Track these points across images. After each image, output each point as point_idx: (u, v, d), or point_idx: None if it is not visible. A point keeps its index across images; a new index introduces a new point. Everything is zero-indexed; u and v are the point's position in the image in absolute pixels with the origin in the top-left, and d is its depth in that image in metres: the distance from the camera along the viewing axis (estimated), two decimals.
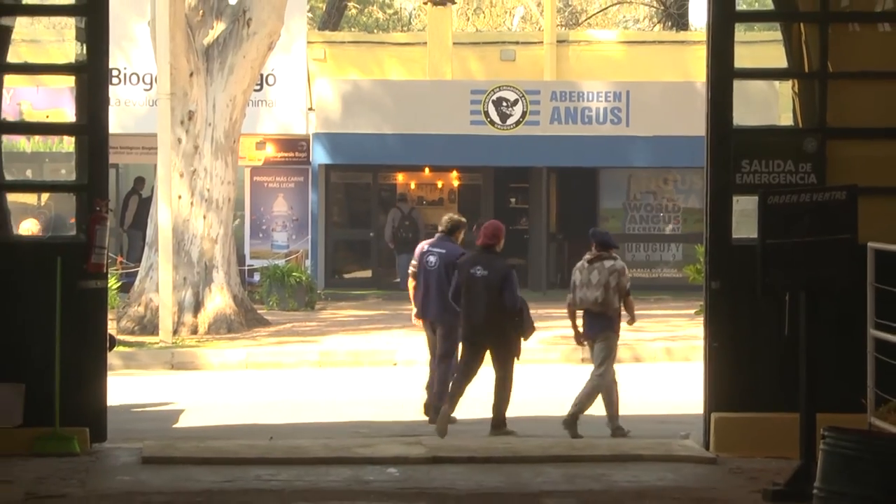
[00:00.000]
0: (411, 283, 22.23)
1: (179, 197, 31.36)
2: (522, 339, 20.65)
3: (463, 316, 20.62)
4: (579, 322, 20.40)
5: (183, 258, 31.35)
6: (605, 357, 19.86)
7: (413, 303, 22.21)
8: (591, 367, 20.84)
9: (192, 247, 31.51)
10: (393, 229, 43.26)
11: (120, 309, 31.71)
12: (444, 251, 21.27)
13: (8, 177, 18.63)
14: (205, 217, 31.52)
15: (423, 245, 22.31)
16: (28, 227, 25.51)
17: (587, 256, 20.47)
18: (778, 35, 18.52)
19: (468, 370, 20.52)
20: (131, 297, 32.63)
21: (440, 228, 21.96)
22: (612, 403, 19.95)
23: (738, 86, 17.69)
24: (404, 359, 29.16)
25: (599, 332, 20.07)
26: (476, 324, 20.34)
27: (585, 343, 20.61)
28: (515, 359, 20.69)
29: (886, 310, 15.33)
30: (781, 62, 18.40)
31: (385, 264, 44.04)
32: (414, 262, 22.21)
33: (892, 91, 17.51)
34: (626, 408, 22.09)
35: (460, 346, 20.87)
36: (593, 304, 20.18)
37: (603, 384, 19.56)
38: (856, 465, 13.94)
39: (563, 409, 21.71)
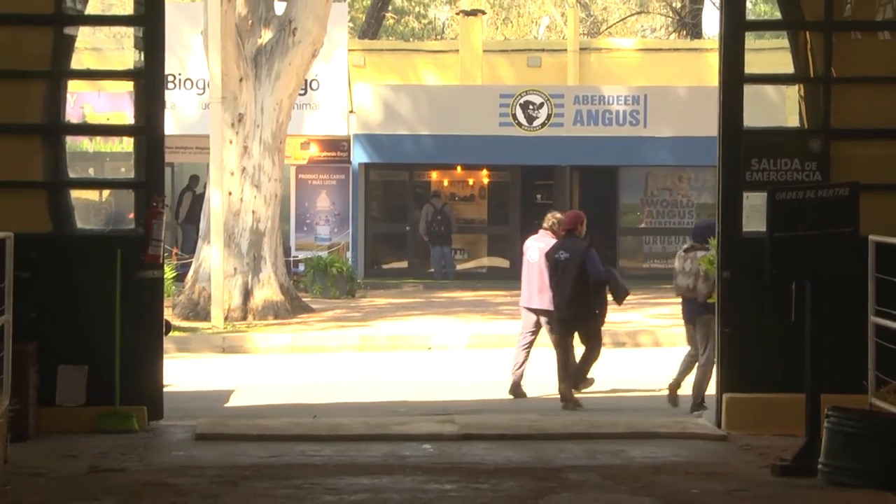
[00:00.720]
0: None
1: (230, 193, 31.43)
2: (617, 303, 22.22)
3: (555, 297, 21.11)
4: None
5: (233, 250, 31.41)
6: (706, 339, 19.88)
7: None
8: (607, 351, 21.05)
9: (241, 239, 31.57)
10: (427, 223, 43.31)
11: (175, 297, 31.78)
12: (543, 245, 21.41)
13: (71, 174, 18.66)
14: (254, 212, 31.58)
15: (528, 240, 22.68)
16: None
17: (685, 246, 20.77)
18: (785, 43, 18.46)
19: (565, 346, 21.31)
20: (185, 285, 32.69)
21: (544, 225, 22.17)
22: (704, 383, 19.96)
23: (748, 90, 17.67)
24: (438, 343, 29.20)
25: (697, 316, 20.21)
26: (564, 303, 20.95)
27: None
28: (601, 331, 21.81)
29: (886, 298, 15.32)
30: (788, 68, 18.37)
31: (420, 256, 44.07)
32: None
33: (892, 95, 17.50)
34: (645, 384, 22.12)
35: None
36: (686, 290, 20.59)
37: (711, 364, 19.50)
38: (858, 442, 13.97)
39: (587, 390, 21.79)
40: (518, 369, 21.82)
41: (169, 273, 30.06)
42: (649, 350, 28.25)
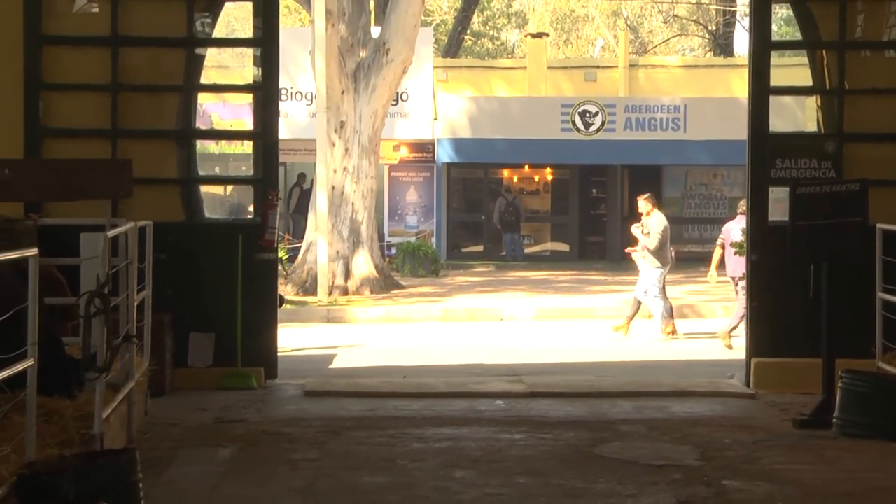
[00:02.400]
0: (717, 252, 23.92)
1: (333, 188, 31.47)
2: None
3: None
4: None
5: (336, 236, 31.43)
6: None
7: (713, 265, 24.19)
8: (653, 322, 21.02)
9: (343, 227, 31.61)
10: (499, 213, 43.32)
11: (287, 275, 31.84)
12: (743, 226, 21.35)
13: (200, 173, 18.75)
14: (353, 204, 31.62)
15: (729, 223, 23.31)
16: None
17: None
18: (805, 59, 18.38)
19: None
20: (296, 266, 32.76)
21: (739, 210, 22.66)
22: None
23: (773, 100, 17.62)
24: (508, 315, 29.16)
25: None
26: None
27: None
28: None
29: (891, 277, 15.23)
30: (807, 81, 18.27)
31: (493, 241, 44.02)
32: (721, 236, 23.62)
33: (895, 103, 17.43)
34: (686, 354, 22.02)
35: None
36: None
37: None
38: (867, 400, 13.93)
39: (636, 356, 21.75)
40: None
41: (282, 255, 30.20)
42: (691, 321, 28.10)
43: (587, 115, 41.72)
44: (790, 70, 20.76)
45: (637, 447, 13.58)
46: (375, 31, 32.74)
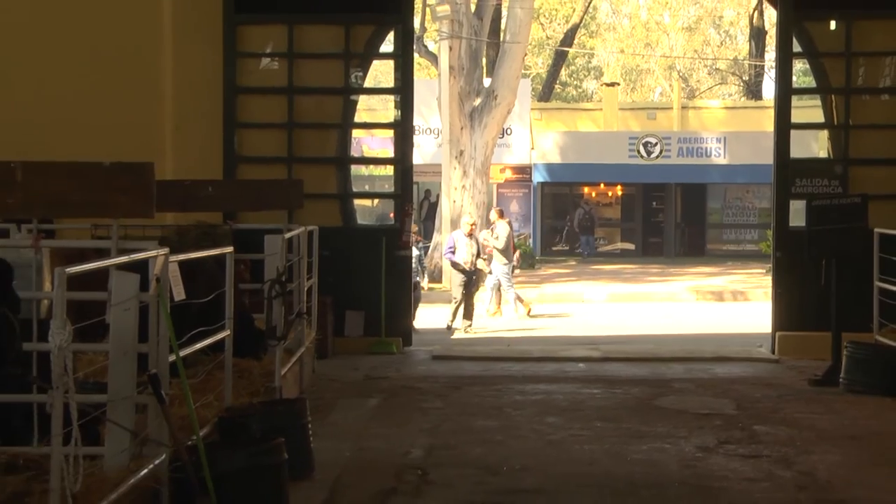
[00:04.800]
0: None
1: (454, 201, 31.52)
2: None
3: None
4: None
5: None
6: None
7: None
8: (700, 304, 20.79)
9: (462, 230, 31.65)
10: (578, 220, 43.29)
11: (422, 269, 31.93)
12: None
13: (354, 189, 18.85)
14: (469, 213, 31.60)
15: None
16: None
17: None
18: (818, 102, 18.19)
19: None
20: (426, 260, 32.85)
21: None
22: None
23: (794, 133, 17.49)
24: (588, 298, 29.06)
25: None
26: None
27: None
28: None
29: (886, 270, 15.07)
30: (820, 118, 18.08)
31: (575, 242, 43.93)
32: None
33: (890, 136, 17.22)
34: (725, 328, 21.84)
35: None
36: None
37: None
38: (867, 364, 13.84)
39: (686, 330, 21.60)
40: None
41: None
42: (731, 304, 27.89)
43: (649, 145, 41.49)
44: (807, 110, 20.52)
45: (687, 400, 13.52)
46: (487, 82, 32.73)
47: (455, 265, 22.20)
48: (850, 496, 9.18)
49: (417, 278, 21.84)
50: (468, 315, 21.82)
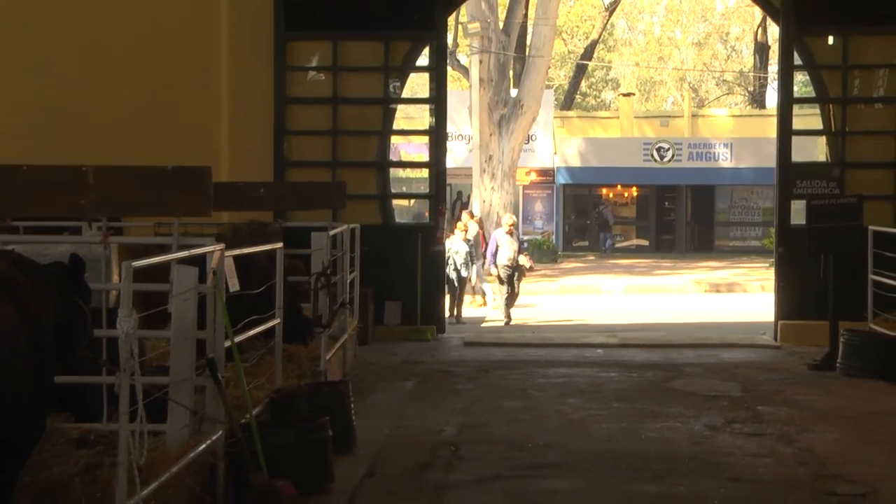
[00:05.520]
0: None
1: (484, 201, 31.51)
2: None
3: None
4: None
5: (488, 234, 31.48)
6: None
7: None
8: (709, 295, 20.62)
9: (491, 227, 31.57)
10: (597, 218, 43.28)
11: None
12: None
13: (392, 190, 18.87)
14: (497, 213, 31.60)
15: None
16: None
17: None
18: (817, 110, 18.09)
19: None
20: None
21: None
22: None
23: (795, 139, 17.43)
24: (606, 289, 29.03)
25: None
26: None
27: None
28: None
29: (879, 264, 14.99)
30: (819, 125, 17.99)
31: (594, 238, 43.85)
32: None
33: (882, 141, 17.16)
34: (731, 317, 21.75)
35: None
36: None
37: None
38: (861, 350, 13.78)
39: (695, 319, 21.51)
40: None
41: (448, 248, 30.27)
42: (735, 294, 27.79)
43: (661, 150, 41.35)
44: (807, 118, 20.41)
45: (697, 382, 13.48)
46: (513, 92, 32.70)
47: (497, 264, 21.69)
48: (845, 471, 9.14)
49: (465, 273, 21.53)
50: (510, 302, 21.40)
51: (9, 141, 15.52)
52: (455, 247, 21.37)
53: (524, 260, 22.36)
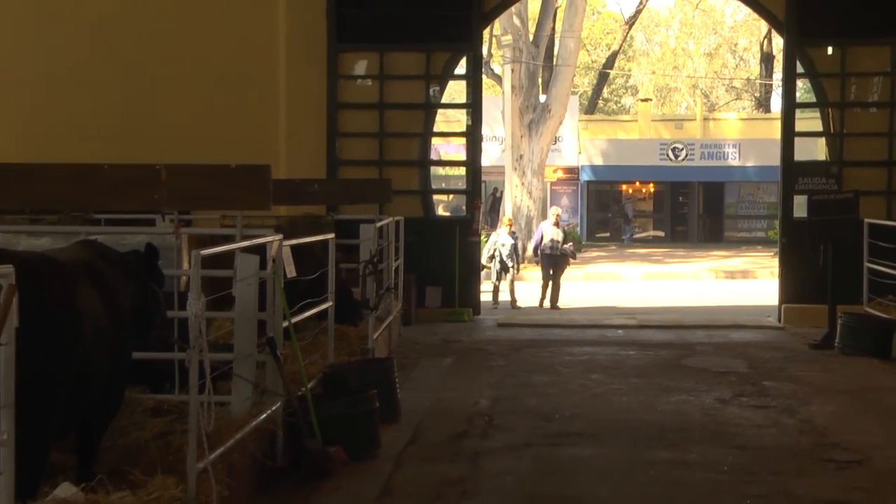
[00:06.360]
0: None
1: (515, 197, 31.46)
2: None
3: None
4: None
5: (517, 226, 31.37)
6: None
7: None
8: (719, 281, 20.45)
9: (522, 220, 31.53)
10: (625, 211, 43.23)
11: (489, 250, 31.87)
12: None
13: (433, 186, 18.86)
14: (528, 207, 31.55)
15: None
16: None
17: None
18: (818, 114, 17.93)
19: None
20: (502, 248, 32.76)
21: None
22: None
23: (797, 140, 17.38)
24: (625, 276, 28.92)
25: None
26: None
27: None
28: None
29: (874, 253, 14.87)
30: (819, 127, 17.83)
31: (615, 229, 43.71)
32: None
33: (877, 142, 17.03)
34: (739, 301, 21.62)
35: None
36: None
37: None
38: (857, 331, 13.68)
39: (706, 303, 21.38)
40: None
41: (483, 238, 30.18)
42: (743, 280, 27.61)
43: (676, 150, 41.11)
44: (808, 121, 20.25)
45: (708, 360, 13.42)
46: (542, 98, 32.59)
47: (542, 252, 21.12)
48: (842, 439, 9.09)
49: (511, 263, 21.17)
50: (555, 295, 20.69)
51: (94, 143, 15.67)
52: (501, 240, 21.36)
53: (567, 250, 21.58)
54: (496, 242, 20.89)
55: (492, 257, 20.91)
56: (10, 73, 16.98)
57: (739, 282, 27.67)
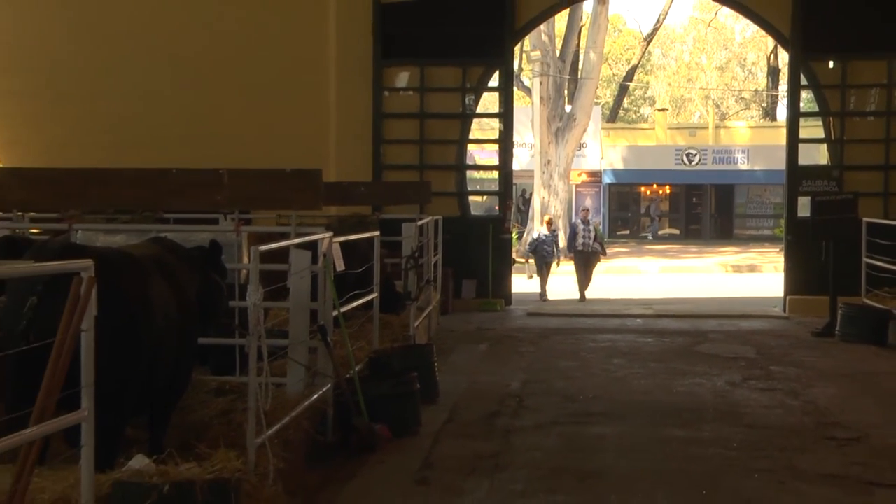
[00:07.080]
0: None
1: (542, 198, 31.36)
2: None
3: None
4: None
5: (545, 226, 31.24)
6: None
7: None
8: (729, 275, 20.30)
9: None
10: (650, 212, 43.07)
11: (518, 247, 31.81)
12: None
13: (469, 189, 18.85)
14: (554, 207, 31.42)
15: None
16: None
17: None
18: (820, 122, 17.77)
19: None
20: (523, 242, 32.70)
21: None
22: None
23: (801, 146, 17.23)
24: (644, 270, 28.78)
25: None
26: None
27: None
28: None
29: (872, 249, 14.72)
30: (821, 134, 17.68)
31: (636, 228, 43.50)
32: None
33: (875, 148, 16.86)
34: (747, 293, 21.44)
35: None
36: None
37: None
38: (856, 320, 13.57)
39: (718, 294, 21.21)
40: None
41: (514, 236, 30.13)
42: (750, 274, 27.38)
43: (690, 155, 40.84)
44: (811, 128, 20.07)
45: (719, 347, 13.35)
46: (568, 108, 32.48)
47: (575, 250, 20.66)
48: (842, 419, 9.02)
49: (549, 259, 20.96)
50: (583, 288, 20.23)
51: (163, 149, 15.83)
52: (542, 236, 21.31)
53: (597, 247, 21.17)
54: (536, 240, 20.85)
55: (534, 251, 20.76)
56: (107, 87, 17.43)
57: (748, 275, 27.45)
